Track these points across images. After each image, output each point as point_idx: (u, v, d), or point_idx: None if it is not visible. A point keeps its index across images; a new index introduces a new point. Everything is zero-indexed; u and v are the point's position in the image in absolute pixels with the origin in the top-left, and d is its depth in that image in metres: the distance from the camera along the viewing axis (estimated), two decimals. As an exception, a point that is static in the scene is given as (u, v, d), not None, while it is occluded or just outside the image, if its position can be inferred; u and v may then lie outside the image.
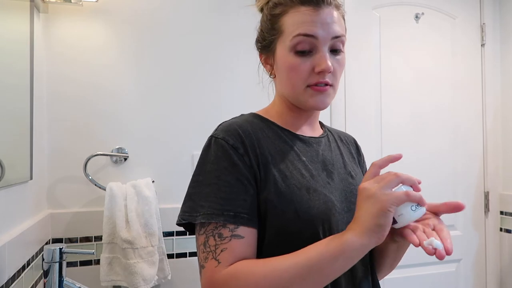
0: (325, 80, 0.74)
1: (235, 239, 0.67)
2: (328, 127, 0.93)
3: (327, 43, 0.73)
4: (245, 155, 0.73)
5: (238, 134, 0.74)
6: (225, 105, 1.62)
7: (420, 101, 1.88)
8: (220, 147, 0.73)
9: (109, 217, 1.38)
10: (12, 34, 1.08)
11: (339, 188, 0.78)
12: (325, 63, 0.72)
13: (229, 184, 0.70)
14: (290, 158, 0.76)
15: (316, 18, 0.73)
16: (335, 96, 0.80)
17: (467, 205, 1.93)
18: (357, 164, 0.89)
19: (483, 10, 1.97)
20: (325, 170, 0.78)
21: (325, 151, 0.82)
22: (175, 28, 1.58)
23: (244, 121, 0.79)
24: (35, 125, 1.27)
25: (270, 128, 0.80)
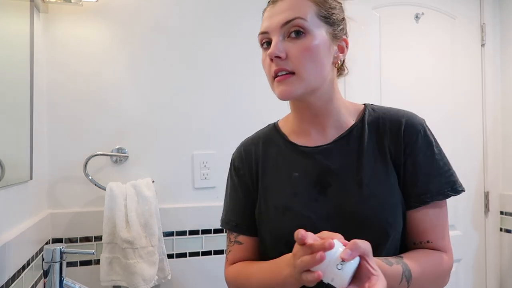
0: (281, 67, 0.73)
1: (236, 245, 0.86)
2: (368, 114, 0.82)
3: (277, 32, 0.74)
4: (244, 175, 0.86)
5: (241, 156, 0.89)
6: (225, 105, 1.62)
7: (420, 101, 1.87)
8: (231, 166, 0.91)
9: (109, 217, 1.38)
10: (12, 34, 1.08)
11: (332, 204, 0.75)
12: (270, 49, 0.73)
13: (233, 198, 0.88)
14: (281, 176, 0.81)
15: (270, 13, 0.76)
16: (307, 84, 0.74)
17: (467, 205, 1.93)
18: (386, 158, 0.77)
19: (483, 10, 1.97)
20: (319, 184, 0.77)
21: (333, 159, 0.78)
22: (175, 28, 1.58)
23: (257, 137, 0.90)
24: (35, 125, 1.27)
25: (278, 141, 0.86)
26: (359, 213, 0.73)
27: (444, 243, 0.77)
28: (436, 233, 0.77)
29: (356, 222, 0.72)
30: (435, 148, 0.78)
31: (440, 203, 0.77)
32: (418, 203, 0.76)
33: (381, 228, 0.73)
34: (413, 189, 0.76)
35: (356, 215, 0.73)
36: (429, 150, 0.78)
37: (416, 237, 0.77)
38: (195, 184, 1.58)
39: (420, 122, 0.80)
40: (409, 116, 0.81)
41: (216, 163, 1.59)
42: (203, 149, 1.60)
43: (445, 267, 0.76)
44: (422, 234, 0.76)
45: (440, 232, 0.77)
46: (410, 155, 0.76)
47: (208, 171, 1.59)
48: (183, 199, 1.58)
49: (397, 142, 0.77)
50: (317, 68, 0.74)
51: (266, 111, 1.67)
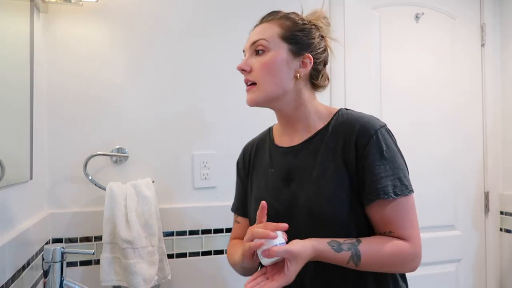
0: (246, 78, 0.93)
1: (236, 224, 1.10)
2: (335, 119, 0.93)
3: (248, 51, 0.94)
4: (242, 169, 1.09)
5: (242, 154, 1.11)
6: (226, 105, 1.62)
7: (420, 101, 1.88)
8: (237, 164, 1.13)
9: (109, 217, 1.38)
10: (12, 34, 1.08)
11: (290, 196, 0.91)
12: (238, 64, 0.93)
13: (236, 188, 1.12)
14: (263, 171, 1.00)
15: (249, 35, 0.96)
16: (266, 93, 0.91)
17: (467, 205, 1.94)
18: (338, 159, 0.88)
19: (483, 10, 1.97)
20: (285, 179, 0.94)
21: (299, 158, 0.93)
22: (175, 28, 1.58)
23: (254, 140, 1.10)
24: (35, 125, 1.27)
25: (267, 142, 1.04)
26: (308, 206, 0.88)
27: (405, 232, 0.85)
28: (396, 224, 0.85)
29: (306, 213, 0.88)
30: (385, 153, 0.86)
31: (396, 200, 0.84)
32: (368, 200, 0.86)
33: (326, 219, 0.86)
34: (363, 188, 0.86)
35: (306, 207, 0.88)
36: (379, 153, 0.85)
37: (379, 228, 0.87)
38: (195, 184, 1.58)
39: (374, 128, 0.87)
40: (366, 122, 0.89)
41: (216, 163, 1.59)
42: (203, 149, 1.60)
43: (403, 253, 0.84)
44: (383, 226, 0.86)
45: (398, 224, 0.85)
46: (361, 158, 0.86)
47: (208, 171, 1.59)
48: (183, 199, 1.58)
49: (350, 146, 0.87)
50: (275, 80, 0.90)
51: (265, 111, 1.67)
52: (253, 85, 0.91)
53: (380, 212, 0.86)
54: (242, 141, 1.15)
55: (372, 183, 0.85)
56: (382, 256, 0.83)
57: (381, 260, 0.83)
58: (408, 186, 0.86)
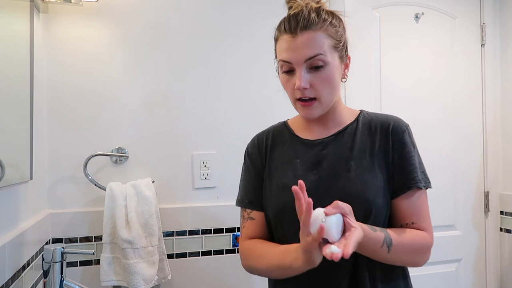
0: (305, 95, 0.88)
1: (249, 220, 1.00)
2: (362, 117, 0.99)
3: (301, 65, 0.87)
4: (256, 159, 1.03)
5: (254, 144, 1.06)
6: (226, 105, 1.62)
7: (420, 101, 1.88)
8: (245, 154, 1.07)
9: (109, 217, 1.38)
10: (12, 34, 1.08)
11: (323, 184, 0.90)
12: (297, 83, 0.87)
13: (246, 180, 1.04)
14: (286, 160, 0.98)
15: (292, 45, 0.87)
16: (326, 105, 0.91)
17: (467, 205, 1.94)
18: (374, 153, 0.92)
19: (483, 10, 1.97)
20: (315, 169, 0.93)
21: (330, 149, 0.94)
22: (175, 28, 1.58)
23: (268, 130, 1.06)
24: (35, 125, 1.27)
25: (286, 134, 1.02)
26: (345, 191, 0.87)
27: (426, 224, 0.91)
28: (419, 215, 0.90)
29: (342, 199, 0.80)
30: (414, 148, 0.95)
31: (421, 191, 0.91)
32: (405, 189, 0.90)
33: (363, 205, 0.86)
34: (400, 177, 0.91)
35: (342, 193, 0.87)
36: (412, 147, 0.94)
37: (402, 220, 0.91)
38: (195, 184, 1.58)
39: (405, 124, 0.96)
40: (396, 119, 0.96)
41: (216, 163, 1.59)
42: (203, 149, 1.60)
43: (425, 242, 0.89)
44: (407, 217, 0.90)
45: (422, 215, 0.91)
46: (397, 150, 0.92)
47: (208, 171, 1.59)
48: (183, 199, 1.58)
49: (386, 140, 0.93)
50: (333, 91, 0.91)
51: (266, 111, 1.67)
52: (312, 100, 0.89)
53: (408, 202, 0.90)
54: (242, 141, 1.14)
55: (409, 172, 0.91)
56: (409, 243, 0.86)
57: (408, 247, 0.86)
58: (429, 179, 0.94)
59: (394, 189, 0.91)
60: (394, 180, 0.91)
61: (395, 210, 0.92)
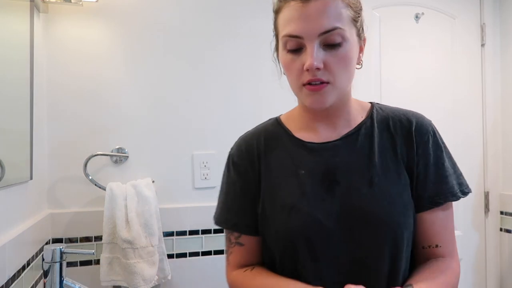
0: (317, 78, 0.68)
1: (237, 246, 0.81)
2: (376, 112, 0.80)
3: (314, 40, 0.67)
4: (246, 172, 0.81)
5: (241, 151, 0.83)
6: (226, 105, 1.62)
7: (420, 101, 1.87)
8: (228, 163, 0.85)
9: (109, 217, 1.38)
10: (12, 34, 1.08)
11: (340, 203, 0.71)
12: (308, 61, 0.67)
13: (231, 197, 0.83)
14: (287, 173, 0.77)
15: (302, 13, 0.67)
16: (340, 92, 0.72)
17: (467, 205, 1.93)
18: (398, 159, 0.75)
19: (483, 10, 1.97)
20: (326, 182, 0.73)
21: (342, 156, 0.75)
22: (175, 27, 1.58)
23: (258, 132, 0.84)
24: (35, 125, 1.27)
25: (282, 136, 0.81)
26: (369, 213, 0.70)
27: (452, 247, 0.76)
28: (446, 236, 0.75)
29: (366, 222, 0.69)
30: (444, 148, 0.78)
31: (449, 205, 0.75)
32: (431, 205, 0.74)
33: (392, 229, 0.70)
34: (425, 190, 0.74)
35: (366, 214, 0.70)
36: (439, 150, 0.76)
37: (425, 241, 0.75)
38: (195, 184, 1.58)
39: (430, 123, 0.79)
40: (419, 116, 0.79)
41: (216, 163, 1.59)
42: (203, 149, 1.60)
43: (457, 279, 0.74)
44: (431, 238, 0.74)
45: (449, 235, 0.75)
46: (422, 156, 0.75)
47: (208, 171, 1.59)
48: (183, 199, 1.58)
49: (409, 143, 0.75)
50: (349, 75, 0.73)
51: (266, 110, 1.67)
52: (325, 84, 0.69)
53: (433, 219, 0.74)
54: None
55: (440, 183, 0.74)
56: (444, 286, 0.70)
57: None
58: (466, 183, 0.77)
59: (419, 203, 0.74)
60: (419, 191, 0.74)
61: (418, 227, 0.75)
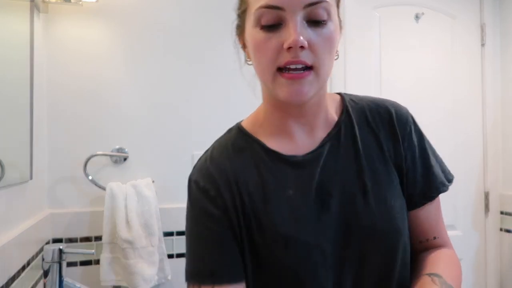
0: (299, 59, 0.57)
1: None
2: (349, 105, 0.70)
3: (298, 12, 0.57)
4: (224, 203, 0.63)
5: (211, 177, 0.66)
6: (226, 105, 1.62)
7: (420, 101, 1.87)
8: (194, 192, 0.69)
9: (109, 217, 1.38)
10: (12, 34, 1.08)
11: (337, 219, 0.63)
12: (292, 36, 0.55)
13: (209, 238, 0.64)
14: (272, 196, 0.63)
15: None
16: (322, 82, 0.61)
17: (467, 205, 1.93)
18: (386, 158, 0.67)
19: (483, 10, 1.97)
20: (318, 199, 0.63)
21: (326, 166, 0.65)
22: (175, 27, 1.58)
23: (224, 147, 0.70)
24: (35, 125, 1.27)
25: (253, 151, 0.67)
26: (368, 225, 0.62)
27: (447, 235, 0.73)
28: (440, 227, 0.72)
29: (366, 235, 0.62)
30: (424, 136, 0.72)
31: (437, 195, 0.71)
32: (424, 200, 0.69)
33: (393, 236, 0.64)
34: (415, 187, 0.68)
35: (365, 227, 0.62)
36: (422, 140, 0.70)
37: (422, 234, 0.71)
38: (195, 184, 1.58)
39: (407, 110, 0.72)
40: (396, 105, 0.71)
41: (216, 163, 1.59)
42: (203, 149, 1.59)
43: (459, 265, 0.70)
44: (428, 231, 0.70)
45: (442, 225, 0.72)
46: (408, 150, 0.68)
47: (208, 171, 1.59)
48: (183, 199, 1.57)
49: (394, 136, 0.68)
50: (332, 62, 0.61)
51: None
52: (307, 71, 0.58)
53: (427, 213, 0.70)
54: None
55: (428, 177, 0.69)
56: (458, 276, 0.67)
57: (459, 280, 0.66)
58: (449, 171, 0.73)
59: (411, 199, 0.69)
60: (409, 189, 0.68)
61: (413, 224, 0.70)
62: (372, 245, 0.62)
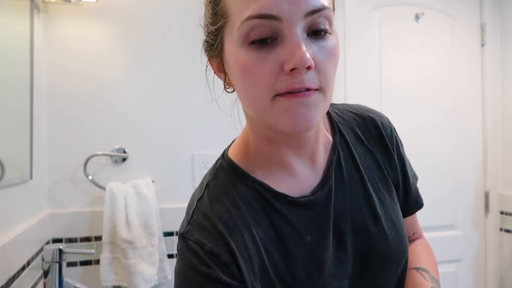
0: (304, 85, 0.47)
1: None
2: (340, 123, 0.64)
3: (298, 23, 0.46)
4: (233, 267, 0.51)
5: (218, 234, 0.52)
6: (226, 104, 1.62)
7: (420, 101, 1.87)
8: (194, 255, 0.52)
9: (109, 217, 1.38)
10: (12, 34, 1.08)
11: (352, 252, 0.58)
12: (298, 54, 0.45)
13: None
14: (290, 248, 0.55)
15: None
16: (327, 107, 0.52)
17: (467, 205, 1.93)
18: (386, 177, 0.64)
19: (483, 10, 1.97)
20: (335, 238, 0.57)
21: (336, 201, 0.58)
22: (176, 27, 1.58)
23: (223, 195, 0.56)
24: (35, 125, 1.27)
25: (257, 195, 0.56)
26: (384, 251, 0.59)
27: (420, 227, 0.76)
28: (417, 223, 0.75)
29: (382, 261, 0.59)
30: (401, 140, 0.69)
31: None
32: (417, 207, 0.70)
33: (404, 255, 0.62)
34: (408, 195, 0.68)
35: (380, 254, 0.59)
36: (402, 146, 0.67)
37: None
38: (195, 184, 1.58)
39: (386, 118, 0.68)
40: (377, 114, 0.66)
41: (216, 163, 1.59)
42: (203, 149, 1.60)
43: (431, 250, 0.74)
44: (409, 230, 0.71)
45: (417, 221, 0.75)
46: (399, 161, 0.65)
47: (208, 171, 1.59)
48: (183, 199, 1.57)
49: (386, 150, 0.64)
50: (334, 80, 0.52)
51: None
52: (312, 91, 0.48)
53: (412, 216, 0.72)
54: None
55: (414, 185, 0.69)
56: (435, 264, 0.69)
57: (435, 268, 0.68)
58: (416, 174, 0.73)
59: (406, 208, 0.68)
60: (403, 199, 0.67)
61: None
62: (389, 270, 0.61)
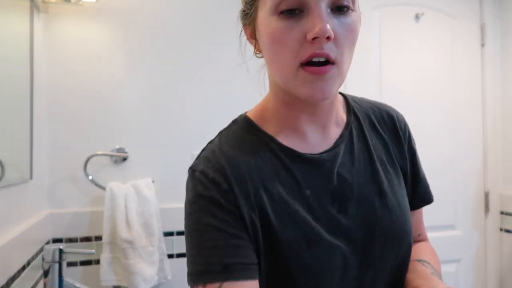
0: (323, 52, 0.53)
1: None
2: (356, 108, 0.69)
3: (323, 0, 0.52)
4: (236, 199, 0.57)
5: (223, 170, 0.59)
6: (225, 105, 1.62)
7: (420, 101, 1.87)
8: (199, 182, 0.61)
9: (109, 217, 1.39)
10: (12, 34, 1.08)
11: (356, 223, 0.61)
12: (319, 25, 0.51)
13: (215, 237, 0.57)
14: (288, 196, 0.59)
15: None
16: (342, 81, 0.58)
17: (467, 205, 1.94)
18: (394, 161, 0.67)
19: (483, 10, 1.97)
20: (337, 200, 0.60)
21: (342, 167, 0.62)
22: (175, 27, 1.58)
23: (233, 141, 0.62)
24: (35, 125, 1.27)
25: (265, 145, 0.62)
26: (387, 229, 0.61)
27: (425, 231, 0.78)
28: (422, 224, 0.77)
29: (386, 239, 0.61)
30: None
31: None
32: (424, 203, 0.72)
33: (407, 240, 0.64)
34: (416, 189, 0.70)
35: (384, 231, 0.61)
36: (415, 143, 0.72)
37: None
38: (195, 184, 1.58)
39: (402, 115, 0.74)
40: (394, 109, 0.73)
41: (216, 163, 1.59)
42: (203, 149, 1.60)
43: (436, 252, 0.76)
44: (415, 230, 0.73)
45: (423, 223, 0.77)
46: (409, 154, 0.70)
47: (208, 171, 1.59)
48: (183, 199, 1.57)
49: (398, 141, 0.69)
50: (351, 57, 0.59)
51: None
52: (330, 64, 0.54)
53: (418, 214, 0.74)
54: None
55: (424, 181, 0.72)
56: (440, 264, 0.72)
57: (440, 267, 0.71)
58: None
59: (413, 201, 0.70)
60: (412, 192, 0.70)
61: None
62: (391, 248, 0.62)
